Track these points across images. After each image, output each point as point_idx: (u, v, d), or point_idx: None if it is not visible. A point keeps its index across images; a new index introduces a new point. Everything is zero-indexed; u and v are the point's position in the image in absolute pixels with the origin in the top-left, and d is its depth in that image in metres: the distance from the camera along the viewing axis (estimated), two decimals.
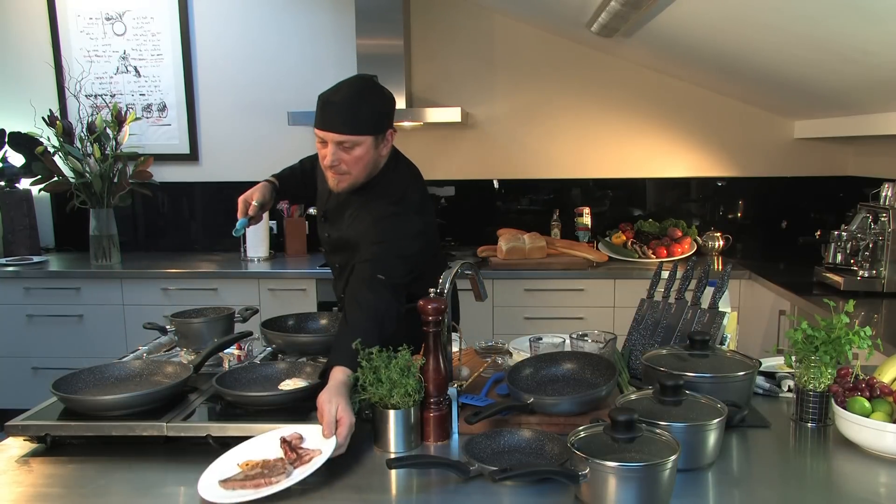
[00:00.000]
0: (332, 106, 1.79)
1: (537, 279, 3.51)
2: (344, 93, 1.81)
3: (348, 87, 1.83)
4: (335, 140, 1.80)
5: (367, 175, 1.90)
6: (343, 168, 1.84)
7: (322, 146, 1.84)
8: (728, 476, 1.30)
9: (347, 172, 1.85)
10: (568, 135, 4.03)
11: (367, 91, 1.84)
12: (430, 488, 1.27)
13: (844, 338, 1.46)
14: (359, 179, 1.88)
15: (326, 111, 1.80)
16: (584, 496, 1.17)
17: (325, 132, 1.80)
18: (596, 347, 1.76)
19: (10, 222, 4.01)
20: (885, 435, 1.33)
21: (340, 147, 1.81)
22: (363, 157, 1.84)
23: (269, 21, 4.05)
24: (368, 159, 1.86)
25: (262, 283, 3.59)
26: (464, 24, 3.97)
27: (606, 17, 2.70)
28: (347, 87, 1.83)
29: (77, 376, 1.58)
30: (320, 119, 1.81)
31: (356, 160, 1.83)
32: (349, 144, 1.81)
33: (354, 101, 1.80)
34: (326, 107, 1.80)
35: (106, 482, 1.31)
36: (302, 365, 1.68)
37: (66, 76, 4.11)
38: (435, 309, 1.44)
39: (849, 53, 2.35)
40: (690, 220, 4.01)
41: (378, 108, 1.85)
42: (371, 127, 1.82)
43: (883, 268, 2.81)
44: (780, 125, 3.94)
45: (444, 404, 1.46)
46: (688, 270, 1.93)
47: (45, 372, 3.73)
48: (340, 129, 1.79)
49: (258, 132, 4.15)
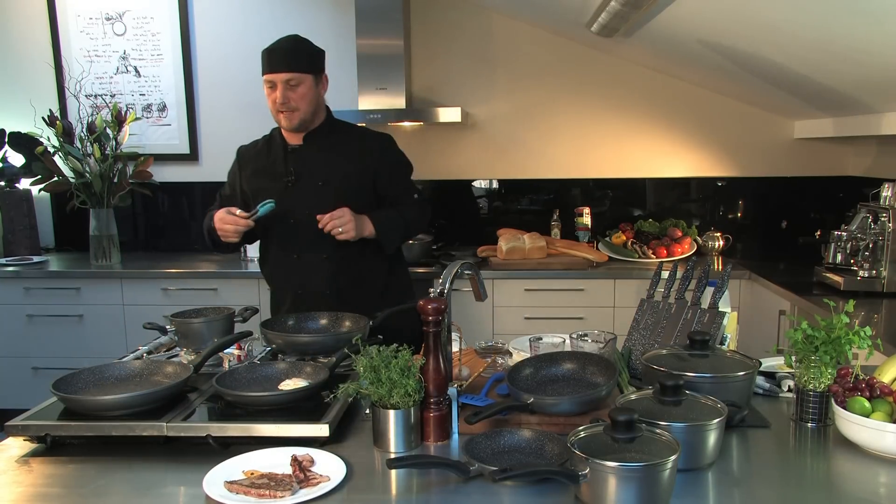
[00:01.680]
0: (277, 52, 2.15)
1: (537, 279, 3.51)
2: (283, 41, 2.18)
3: (286, 39, 2.20)
4: (283, 79, 2.14)
5: (313, 113, 2.23)
6: (292, 104, 2.17)
7: (271, 91, 2.17)
8: (728, 476, 1.30)
9: (296, 109, 2.18)
10: (568, 135, 4.03)
11: (301, 39, 2.22)
12: (430, 488, 1.27)
13: (844, 338, 1.46)
14: (307, 116, 2.21)
15: (273, 57, 2.15)
16: (584, 496, 1.17)
17: (274, 74, 2.14)
18: (596, 347, 1.76)
19: (10, 222, 4.01)
20: (885, 435, 1.33)
21: (287, 86, 2.15)
22: (307, 94, 2.18)
23: (269, 21, 4.05)
24: (311, 96, 2.20)
25: (262, 283, 3.58)
26: (464, 24, 3.97)
27: (606, 17, 2.70)
28: (285, 39, 2.20)
29: (77, 376, 1.58)
30: (268, 65, 2.16)
31: (301, 97, 2.17)
32: (294, 82, 2.15)
33: (293, 45, 2.18)
34: (272, 54, 2.16)
35: (106, 482, 1.30)
36: (302, 365, 1.68)
37: (66, 76, 4.11)
38: (435, 309, 1.44)
39: (849, 53, 2.35)
40: (690, 220, 4.01)
41: (313, 50, 2.22)
42: (310, 66, 2.18)
43: (883, 268, 2.81)
44: (780, 125, 3.94)
45: (444, 404, 1.46)
46: (688, 270, 1.93)
47: (45, 372, 3.73)
48: (286, 68, 2.14)
49: (258, 132, 4.11)
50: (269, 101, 2.20)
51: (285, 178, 2.26)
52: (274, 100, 2.17)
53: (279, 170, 2.28)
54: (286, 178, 2.26)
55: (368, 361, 1.41)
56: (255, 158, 2.35)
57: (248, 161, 2.36)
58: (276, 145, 2.32)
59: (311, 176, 2.25)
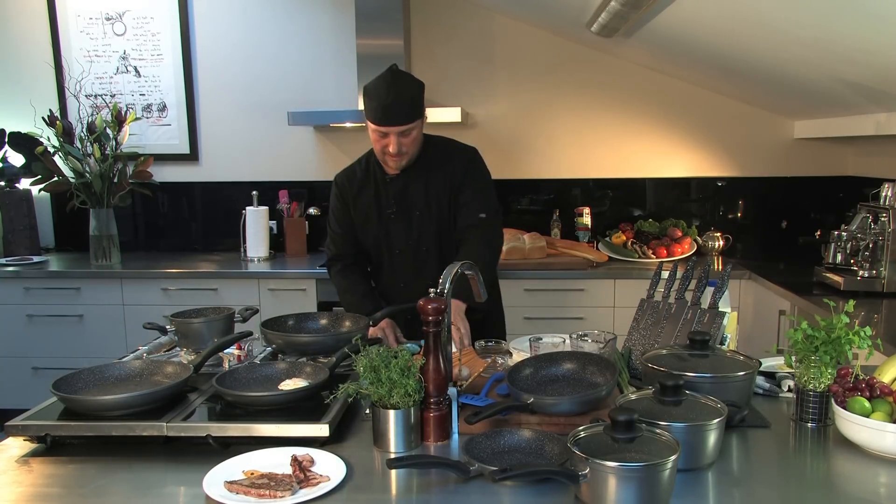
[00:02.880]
0: (391, 105, 2.10)
1: (537, 279, 3.51)
2: (394, 91, 2.11)
3: (394, 83, 2.13)
4: (397, 131, 2.13)
5: (418, 150, 2.25)
6: (404, 150, 2.18)
7: (382, 137, 2.16)
8: (728, 476, 1.30)
9: (406, 153, 2.20)
10: (568, 135, 4.03)
11: (408, 82, 2.17)
12: (430, 488, 1.27)
13: (844, 338, 1.46)
14: (413, 156, 2.24)
15: (389, 111, 2.10)
16: (584, 496, 1.17)
17: (390, 127, 2.12)
18: (596, 347, 1.76)
19: (10, 222, 4.01)
20: (885, 435, 1.33)
21: (401, 135, 2.15)
22: (417, 136, 2.21)
23: (269, 21, 4.05)
24: (419, 137, 2.23)
25: (262, 283, 3.59)
26: (464, 24, 3.97)
27: (606, 17, 2.70)
28: (393, 83, 2.12)
29: (77, 376, 1.58)
30: (383, 117, 2.11)
31: (413, 141, 2.19)
32: (408, 131, 2.15)
33: (404, 94, 2.12)
34: (388, 108, 2.09)
35: (106, 482, 1.30)
36: (302, 365, 1.68)
37: (66, 76, 4.11)
38: (435, 309, 1.44)
39: (849, 53, 2.35)
40: (690, 220, 4.01)
41: (419, 94, 2.19)
42: (419, 112, 2.19)
43: (883, 268, 2.81)
44: (780, 125, 3.94)
45: (444, 404, 1.46)
46: (688, 270, 1.93)
47: (45, 372, 3.73)
48: (403, 121, 2.13)
49: (258, 132, 4.15)
50: (377, 145, 2.19)
51: (388, 211, 2.30)
52: (384, 146, 2.17)
53: (382, 202, 2.31)
54: (388, 211, 2.30)
55: (368, 361, 1.41)
56: (357, 190, 2.34)
57: (351, 193, 2.35)
58: (375, 175, 2.33)
59: (410, 207, 2.29)
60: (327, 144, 4.09)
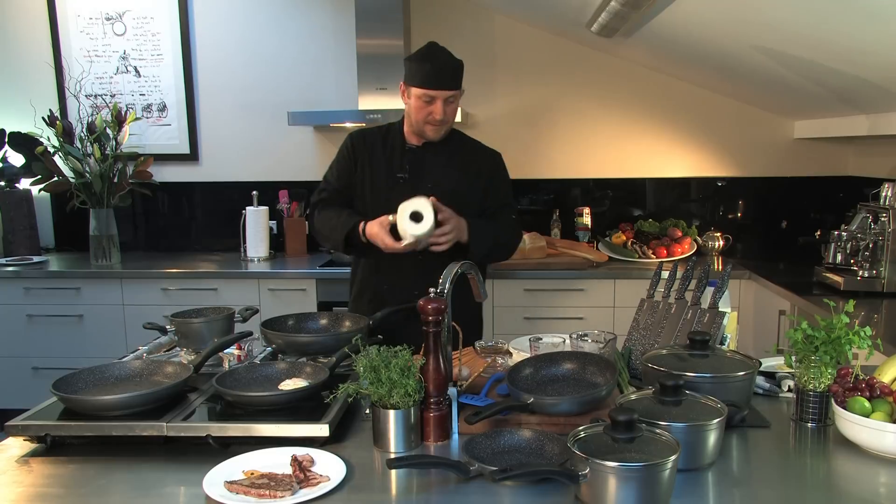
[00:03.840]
0: (444, 70, 2.15)
1: (537, 279, 3.51)
2: (442, 57, 2.17)
3: (440, 51, 2.19)
4: (445, 97, 2.16)
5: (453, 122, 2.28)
6: (447, 118, 2.21)
7: (426, 104, 2.17)
8: (728, 476, 1.30)
9: (446, 122, 2.23)
10: (568, 135, 4.03)
11: (450, 54, 2.20)
12: (430, 488, 1.27)
13: (844, 338, 1.46)
14: (449, 128, 2.28)
15: (440, 75, 2.14)
16: (584, 496, 1.17)
17: (439, 91, 2.14)
18: (596, 347, 1.76)
19: (10, 222, 4.01)
20: (885, 435, 1.33)
21: (447, 102, 2.18)
22: (457, 106, 2.26)
23: (269, 21, 4.05)
24: (458, 108, 2.28)
25: (262, 283, 3.59)
26: (464, 24, 3.97)
27: (606, 17, 2.70)
28: (439, 51, 2.19)
29: (77, 376, 1.58)
30: (433, 81, 2.14)
31: (454, 111, 2.23)
32: (452, 98, 2.19)
33: (452, 62, 2.17)
34: (439, 71, 2.14)
35: (106, 482, 1.30)
36: (302, 365, 1.68)
37: (66, 76, 4.11)
38: (435, 309, 1.44)
39: (849, 54, 2.35)
40: (690, 220, 4.01)
41: (462, 67, 2.21)
42: (461, 82, 2.22)
43: (883, 268, 2.81)
44: (780, 125, 3.94)
45: (444, 404, 1.46)
46: (688, 270, 1.93)
47: (45, 372, 3.73)
48: (451, 85, 2.16)
49: (258, 132, 4.15)
50: (419, 113, 2.19)
51: (399, 175, 2.27)
52: (428, 113, 2.18)
53: (394, 166, 2.29)
54: (399, 175, 2.27)
55: (368, 361, 1.41)
56: (371, 149, 2.33)
57: (364, 149, 2.33)
58: (394, 141, 2.32)
59: (423, 178, 2.26)
60: (327, 144, 4.09)
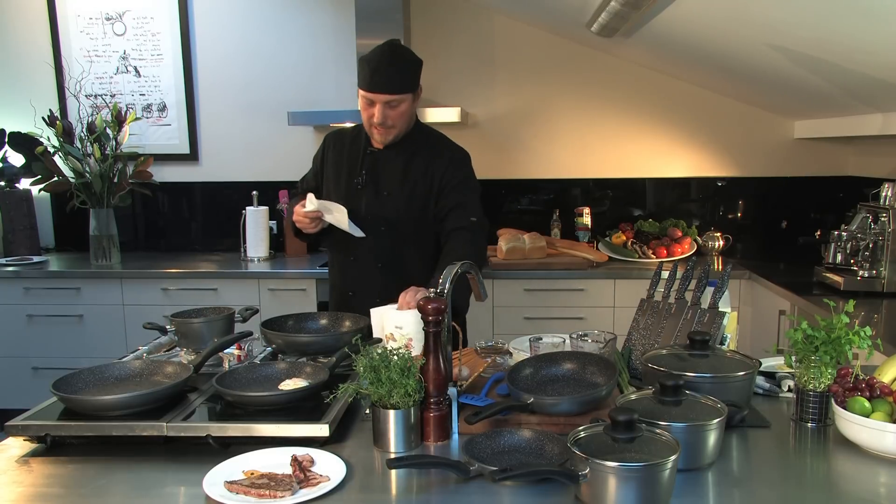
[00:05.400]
0: (380, 72, 2.06)
1: (537, 279, 3.51)
2: (388, 58, 2.08)
3: (390, 52, 2.09)
4: (384, 100, 2.08)
5: (406, 127, 2.20)
6: (389, 123, 2.13)
7: (369, 106, 2.11)
8: (728, 476, 1.30)
9: (393, 127, 2.14)
10: (568, 135, 4.03)
11: (402, 52, 2.14)
12: (430, 488, 1.27)
13: (844, 338, 1.46)
14: (400, 132, 2.18)
15: (376, 77, 2.06)
16: (584, 496, 1.17)
17: (376, 94, 2.07)
18: (596, 347, 1.76)
19: (10, 222, 4.01)
20: (885, 435, 1.33)
21: (388, 105, 2.10)
22: (405, 111, 2.14)
23: (268, 21, 4.05)
24: (409, 113, 2.17)
25: (262, 283, 3.59)
26: (464, 24, 3.97)
27: (606, 17, 2.70)
28: (389, 52, 2.09)
29: (77, 376, 1.58)
30: (369, 83, 2.07)
31: (400, 115, 2.13)
32: (395, 103, 2.10)
33: (396, 64, 2.09)
34: (375, 73, 2.06)
35: (106, 482, 1.30)
36: (302, 365, 1.68)
37: (66, 76, 4.11)
38: (435, 309, 1.44)
39: (849, 53, 2.35)
40: (690, 220, 4.01)
41: (415, 69, 2.15)
42: (411, 85, 2.13)
43: (883, 268, 2.81)
44: (780, 125, 3.94)
45: (444, 404, 1.46)
46: (688, 270, 1.93)
47: (45, 372, 3.73)
48: (390, 90, 2.07)
49: (258, 132, 4.15)
50: (364, 115, 2.15)
51: (355, 180, 2.25)
52: (370, 115, 2.12)
53: (353, 170, 2.26)
54: (356, 180, 2.25)
55: (368, 361, 1.41)
56: (339, 149, 2.32)
57: (332, 148, 2.33)
58: (360, 143, 2.29)
59: (379, 183, 2.23)
60: None
